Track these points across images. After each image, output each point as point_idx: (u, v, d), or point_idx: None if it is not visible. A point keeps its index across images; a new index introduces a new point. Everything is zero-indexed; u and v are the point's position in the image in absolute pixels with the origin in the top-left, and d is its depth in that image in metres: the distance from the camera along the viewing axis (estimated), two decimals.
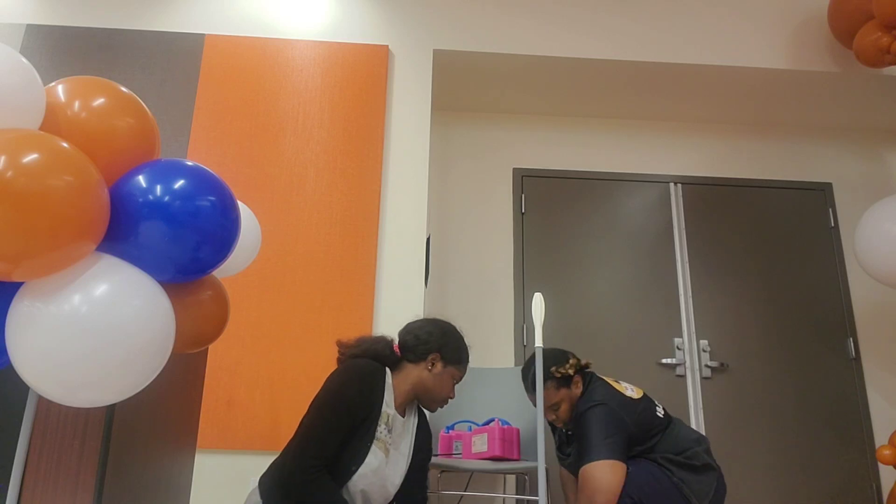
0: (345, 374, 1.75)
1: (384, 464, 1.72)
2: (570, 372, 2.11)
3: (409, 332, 1.92)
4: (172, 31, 3.20)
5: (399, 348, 1.90)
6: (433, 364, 1.85)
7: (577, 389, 2.12)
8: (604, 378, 2.18)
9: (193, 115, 3.05)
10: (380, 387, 1.77)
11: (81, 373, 1.03)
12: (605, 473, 1.87)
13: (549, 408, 2.13)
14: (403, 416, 1.86)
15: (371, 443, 1.69)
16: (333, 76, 3.15)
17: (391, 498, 1.78)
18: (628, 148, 3.84)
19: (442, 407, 1.90)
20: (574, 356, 2.19)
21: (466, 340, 1.96)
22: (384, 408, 1.75)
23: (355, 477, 1.67)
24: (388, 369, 1.84)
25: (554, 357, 2.15)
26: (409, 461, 1.84)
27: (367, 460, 1.68)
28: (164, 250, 1.13)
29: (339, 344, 1.89)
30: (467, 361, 1.93)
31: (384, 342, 1.90)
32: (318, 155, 3.04)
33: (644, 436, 2.03)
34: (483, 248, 3.61)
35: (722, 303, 3.55)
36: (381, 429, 1.73)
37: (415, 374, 1.86)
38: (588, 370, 2.20)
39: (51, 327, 1.01)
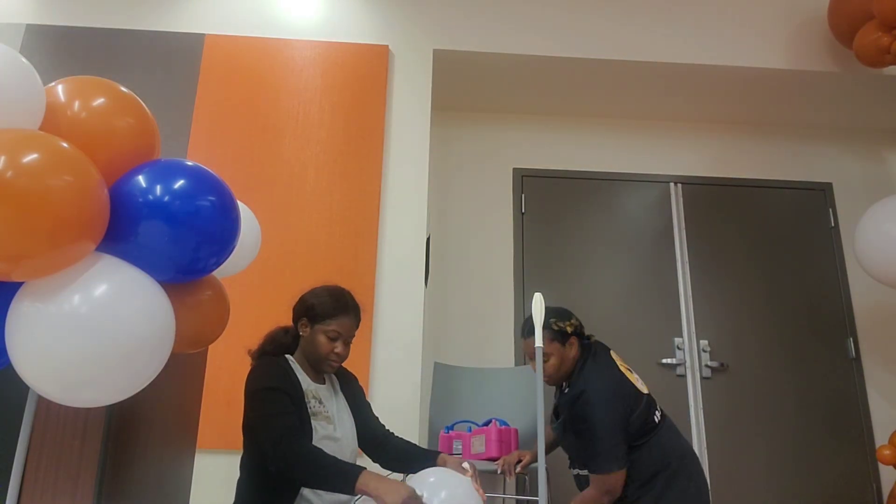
0: (253, 373, 1.80)
1: (331, 429, 1.81)
2: (567, 329, 2.14)
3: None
4: (172, 31, 3.20)
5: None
6: (304, 329, 1.88)
7: (572, 351, 2.14)
8: (614, 358, 2.18)
9: (193, 115, 3.05)
10: (286, 372, 1.81)
11: (81, 373, 1.03)
12: (619, 481, 1.99)
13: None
14: (325, 383, 1.92)
15: (309, 421, 1.75)
16: (333, 76, 3.15)
17: (356, 446, 1.92)
18: (628, 148, 3.84)
19: (333, 366, 1.87)
20: (577, 319, 2.21)
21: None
22: (304, 386, 1.81)
23: None
24: (287, 355, 1.89)
25: (558, 312, 2.18)
26: (351, 411, 1.95)
27: (313, 436, 1.74)
28: (164, 250, 1.13)
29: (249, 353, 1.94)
30: (337, 313, 1.84)
31: (276, 333, 1.95)
32: (318, 155, 3.04)
33: (632, 436, 2.03)
34: (483, 248, 3.60)
35: (722, 303, 3.55)
36: (312, 404, 1.79)
37: (301, 344, 1.90)
38: (590, 340, 2.22)
39: (51, 327, 1.01)
